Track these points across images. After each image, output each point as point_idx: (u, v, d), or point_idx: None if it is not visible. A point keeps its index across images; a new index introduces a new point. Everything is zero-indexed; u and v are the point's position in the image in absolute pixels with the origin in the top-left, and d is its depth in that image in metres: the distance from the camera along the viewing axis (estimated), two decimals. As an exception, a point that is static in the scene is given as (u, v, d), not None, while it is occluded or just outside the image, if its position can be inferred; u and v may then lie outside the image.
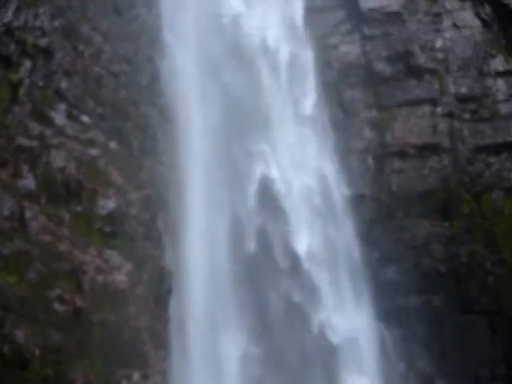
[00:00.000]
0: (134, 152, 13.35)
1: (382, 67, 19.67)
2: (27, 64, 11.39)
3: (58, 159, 11.31)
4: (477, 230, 17.96)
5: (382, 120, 19.28)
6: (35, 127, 11.15)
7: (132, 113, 13.49)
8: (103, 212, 11.92)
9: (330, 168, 18.11)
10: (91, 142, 12.09)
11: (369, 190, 18.52)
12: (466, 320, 17.10)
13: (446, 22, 20.03)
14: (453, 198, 18.34)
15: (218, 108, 16.14)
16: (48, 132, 11.33)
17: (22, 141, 10.77)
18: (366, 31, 19.94)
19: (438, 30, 19.91)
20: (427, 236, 17.98)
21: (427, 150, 18.74)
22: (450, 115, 19.06)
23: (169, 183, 13.91)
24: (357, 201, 18.17)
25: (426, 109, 19.10)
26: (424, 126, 18.91)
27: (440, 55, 19.64)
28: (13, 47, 11.12)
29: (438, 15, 20.06)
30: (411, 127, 18.98)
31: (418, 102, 19.18)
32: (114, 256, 11.85)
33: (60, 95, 11.84)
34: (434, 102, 19.15)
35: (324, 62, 19.68)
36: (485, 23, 19.90)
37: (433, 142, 18.82)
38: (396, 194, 18.48)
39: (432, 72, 19.45)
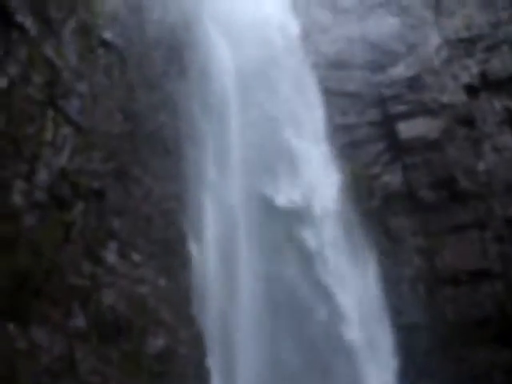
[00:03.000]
0: (183, 289, 13.37)
1: (426, 194, 19.75)
2: (80, 205, 11.62)
3: (108, 298, 11.35)
4: (539, 356, 17.13)
5: (431, 247, 19.09)
6: (87, 266, 11.27)
7: (180, 250, 13.66)
8: (152, 351, 11.77)
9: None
10: (141, 280, 12.18)
11: (422, 319, 18.03)
12: None
13: (486, 146, 20.20)
14: (511, 324, 17.66)
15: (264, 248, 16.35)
16: (99, 271, 11.44)
17: (74, 280, 10.87)
18: (407, 160, 20.24)
19: (478, 154, 20.09)
20: (488, 365, 17.18)
21: (479, 275, 18.33)
22: (499, 239, 18.78)
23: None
24: (410, 331, 17.68)
25: (474, 234, 18.90)
26: (474, 251, 18.66)
27: (483, 178, 19.66)
28: (67, 189, 11.42)
29: (477, 140, 20.30)
30: (461, 253, 18.71)
31: (465, 227, 19.03)
32: (162, 397, 11.56)
33: (111, 234, 12.04)
34: (481, 226, 18.98)
35: (367, 191, 19.94)
36: (524, 145, 20.06)
37: (484, 267, 18.45)
38: (451, 322, 17.93)
39: (477, 196, 19.41)
